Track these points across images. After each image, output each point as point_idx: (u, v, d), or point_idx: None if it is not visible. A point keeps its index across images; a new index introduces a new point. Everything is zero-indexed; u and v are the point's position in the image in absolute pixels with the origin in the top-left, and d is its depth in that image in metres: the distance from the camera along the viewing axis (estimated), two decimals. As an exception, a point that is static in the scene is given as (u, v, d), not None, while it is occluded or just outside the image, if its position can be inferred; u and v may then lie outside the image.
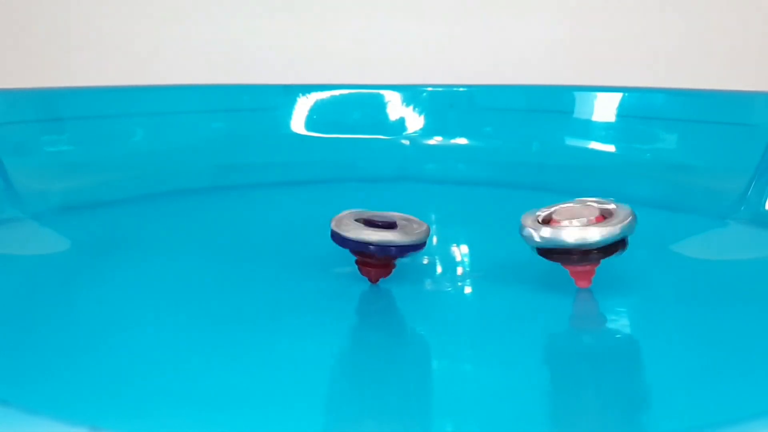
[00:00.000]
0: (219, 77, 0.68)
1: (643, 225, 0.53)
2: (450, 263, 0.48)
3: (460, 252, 0.51)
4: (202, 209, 0.58)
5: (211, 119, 0.65)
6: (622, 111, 0.61)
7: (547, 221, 0.40)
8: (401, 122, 0.65)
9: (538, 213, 0.40)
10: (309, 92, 0.65)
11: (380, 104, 0.65)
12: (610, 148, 0.61)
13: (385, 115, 0.65)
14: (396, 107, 0.65)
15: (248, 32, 0.72)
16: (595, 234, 0.38)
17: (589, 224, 0.39)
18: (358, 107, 0.65)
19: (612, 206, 0.40)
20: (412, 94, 0.65)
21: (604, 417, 0.32)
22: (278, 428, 0.30)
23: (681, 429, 0.30)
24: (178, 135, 0.63)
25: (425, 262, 0.48)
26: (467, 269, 0.47)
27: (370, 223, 0.41)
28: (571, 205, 0.40)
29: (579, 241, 0.38)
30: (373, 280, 0.42)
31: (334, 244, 0.41)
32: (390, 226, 0.41)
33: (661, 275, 0.45)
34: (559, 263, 0.40)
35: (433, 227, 0.54)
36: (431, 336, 0.39)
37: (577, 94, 0.62)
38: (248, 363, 0.35)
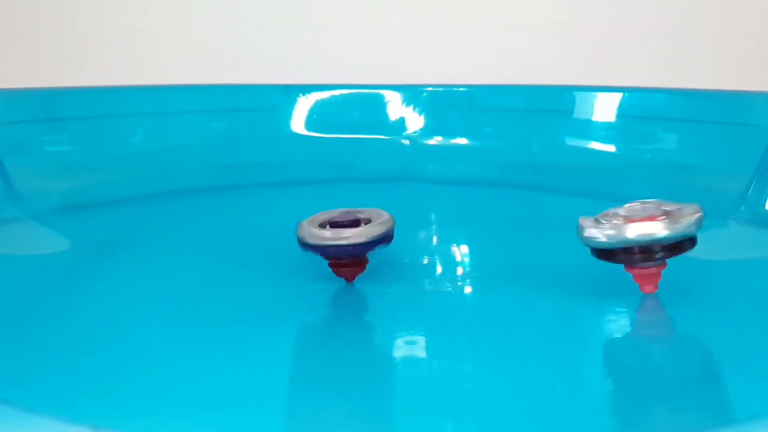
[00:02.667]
0: (219, 77, 0.68)
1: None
2: (450, 263, 0.48)
3: (460, 252, 0.51)
4: (202, 209, 0.58)
5: (211, 119, 0.65)
6: (622, 111, 0.61)
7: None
8: (401, 122, 0.65)
9: (596, 217, 0.39)
10: (309, 92, 0.65)
11: (380, 104, 0.65)
12: (610, 148, 0.61)
13: (385, 115, 0.65)
14: (396, 107, 0.65)
15: (248, 32, 0.72)
16: (660, 229, 0.37)
17: (653, 220, 0.37)
18: (358, 107, 0.65)
19: (674, 206, 0.38)
20: (412, 94, 0.65)
21: (605, 417, 0.32)
22: (276, 428, 0.30)
23: (681, 429, 0.30)
24: (178, 135, 0.63)
25: (425, 262, 0.48)
26: (467, 269, 0.47)
27: (333, 224, 0.41)
28: (629, 206, 0.39)
29: (643, 237, 0.37)
30: (350, 279, 0.42)
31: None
32: (353, 224, 0.41)
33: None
34: (622, 265, 0.38)
35: (433, 227, 0.54)
36: (431, 336, 0.39)
37: (577, 94, 0.62)
38: (248, 363, 0.35)
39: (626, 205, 0.39)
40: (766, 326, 0.38)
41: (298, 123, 0.65)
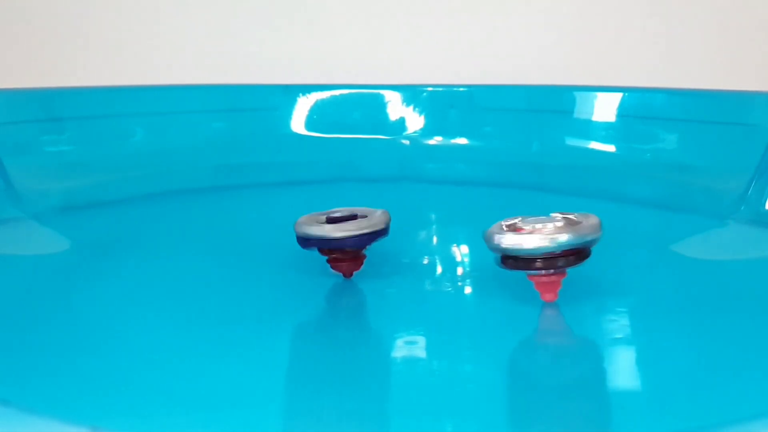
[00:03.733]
0: (219, 77, 0.68)
1: (643, 225, 0.53)
2: (449, 263, 0.48)
3: (460, 252, 0.51)
4: (202, 209, 0.58)
5: (211, 119, 0.65)
6: (622, 111, 0.61)
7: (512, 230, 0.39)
8: (401, 122, 0.65)
9: (502, 223, 0.40)
10: (309, 92, 0.65)
11: (380, 104, 0.65)
12: (610, 148, 0.61)
13: (385, 115, 0.65)
14: (396, 107, 0.65)
15: (248, 32, 0.72)
16: (559, 238, 0.38)
17: (554, 231, 0.38)
18: (358, 107, 0.65)
19: (576, 216, 0.39)
20: (412, 94, 0.65)
21: (605, 417, 0.32)
22: (276, 428, 0.30)
23: (681, 429, 0.30)
24: (178, 135, 0.63)
25: (425, 261, 0.48)
26: (467, 269, 0.47)
27: (330, 220, 0.42)
28: (535, 217, 0.40)
29: (542, 247, 0.38)
30: (347, 275, 0.43)
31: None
32: (350, 218, 0.42)
33: (661, 275, 0.45)
34: (523, 272, 0.39)
35: (433, 227, 0.54)
36: (431, 336, 0.39)
37: (577, 94, 0.62)
38: (248, 363, 0.35)
39: (535, 218, 0.40)
40: (766, 326, 0.38)
41: (298, 123, 0.65)
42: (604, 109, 0.62)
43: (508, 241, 0.38)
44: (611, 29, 0.71)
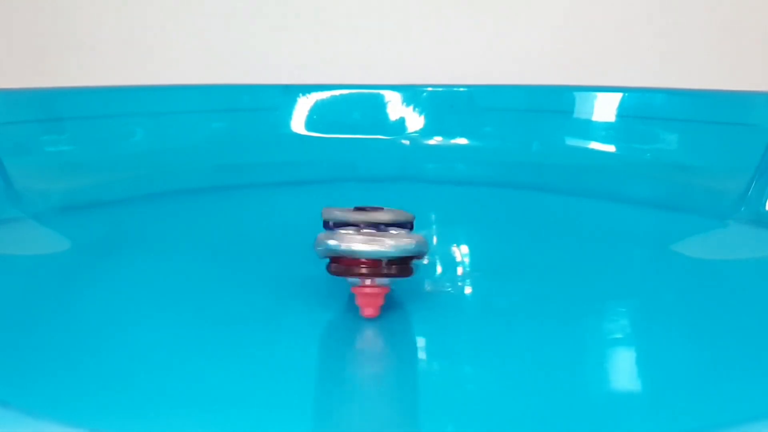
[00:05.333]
0: (219, 77, 0.68)
1: (643, 225, 0.53)
2: (450, 263, 0.48)
3: (460, 252, 0.51)
4: (202, 209, 0.58)
5: (211, 119, 0.65)
6: (622, 111, 0.61)
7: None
8: (401, 122, 0.65)
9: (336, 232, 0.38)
10: (309, 92, 0.65)
11: (380, 104, 0.65)
12: (610, 148, 0.61)
13: (385, 115, 0.65)
14: (396, 107, 0.65)
15: (248, 32, 0.72)
16: (388, 245, 0.37)
17: (382, 235, 0.37)
18: (358, 107, 0.65)
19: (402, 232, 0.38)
20: (412, 94, 0.65)
21: (605, 417, 0.32)
22: (277, 428, 0.30)
23: (681, 429, 0.30)
24: (178, 135, 0.63)
25: (425, 262, 0.48)
26: (466, 269, 0.47)
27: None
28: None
29: (370, 250, 0.37)
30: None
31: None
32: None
33: (661, 275, 0.45)
34: (345, 278, 0.38)
35: (433, 227, 0.54)
36: (431, 336, 0.39)
37: (577, 94, 0.62)
38: (248, 363, 0.35)
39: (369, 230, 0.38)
40: (766, 326, 0.38)
41: (298, 123, 0.65)
42: (604, 109, 0.61)
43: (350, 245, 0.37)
44: (611, 29, 0.70)
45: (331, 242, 0.38)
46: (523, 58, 0.71)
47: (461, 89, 0.65)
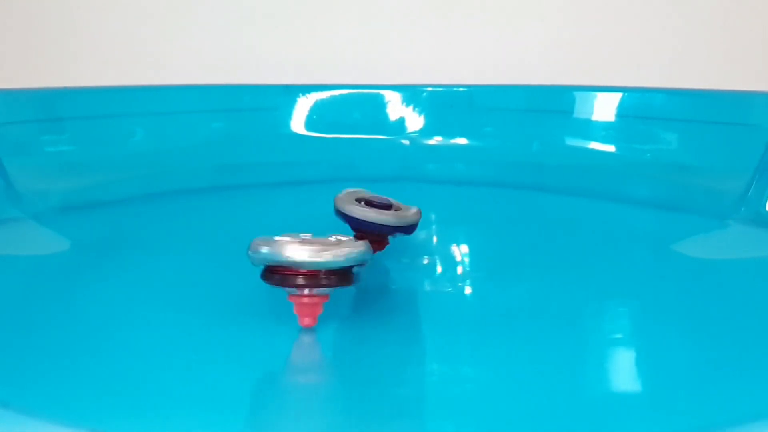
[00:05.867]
0: (219, 77, 0.68)
1: (643, 225, 0.53)
2: (450, 263, 0.48)
3: (460, 252, 0.51)
4: (202, 209, 0.58)
5: (211, 119, 0.65)
6: (622, 111, 0.61)
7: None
8: (401, 122, 0.65)
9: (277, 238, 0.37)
10: (309, 92, 0.65)
11: (380, 104, 0.65)
12: (610, 148, 0.61)
13: (385, 115, 0.65)
14: (396, 107, 0.65)
15: (248, 32, 0.72)
16: (327, 255, 0.36)
17: (321, 244, 0.36)
18: (358, 107, 0.65)
19: (346, 239, 0.38)
20: (412, 94, 0.65)
21: (605, 417, 0.32)
22: (278, 428, 0.30)
23: (681, 429, 0.30)
24: (178, 135, 0.63)
25: (425, 261, 0.48)
26: (466, 269, 0.47)
27: (369, 204, 0.43)
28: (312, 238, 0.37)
29: (307, 260, 0.36)
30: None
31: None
32: (386, 207, 0.43)
33: (661, 275, 0.45)
34: (282, 288, 0.37)
35: (433, 227, 0.54)
36: (431, 336, 0.39)
37: (577, 94, 0.62)
38: (247, 363, 0.35)
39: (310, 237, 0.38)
40: (766, 326, 0.38)
41: (298, 123, 0.65)
42: (604, 109, 0.61)
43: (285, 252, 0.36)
44: (611, 29, 0.70)
45: (266, 250, 0.37)
46: (523, 58, 0.71)
47: (461, 89, 0.65)
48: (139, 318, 0.39)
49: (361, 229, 0.43)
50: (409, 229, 0.43)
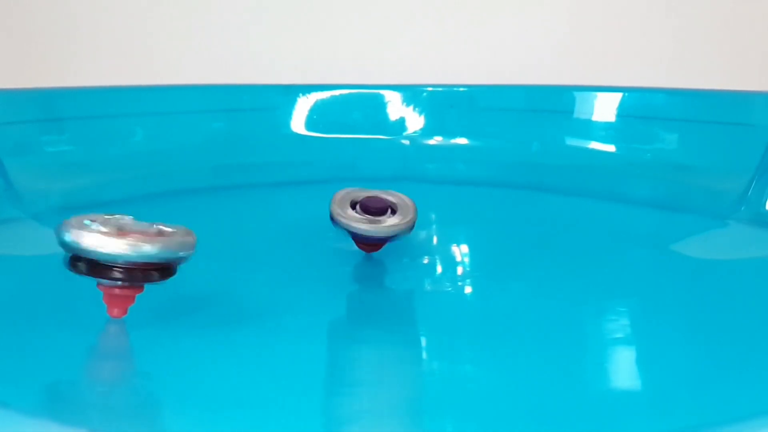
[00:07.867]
0: (219, 77, 0.68)
1: (643, 225, 0.53)
2: (450, 263, 0.48)
3: (460, 252, 0.51)
4: (202, 209, 0.58)
5: (211, 119, 0.65)
6: (622, 111, 0.61)
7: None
8: (401, 122, 0.65)
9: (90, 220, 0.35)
10: (309, 92, 0.65)
11: (380, 104, 0.65)
12: (610, 148, 0.61)
13: (385, 115, 0.65)
14: (396, 107, 0.65)
15: (248, 32, 0.72)
16: (148, 247, 0.34)
17: (144, 234, 0.34)
18: (358, 107, 0.65)
19: (171, 229, 0.35)
20: (412, 94, 0.65)
21: (605, 416, 0.32)
22: (278, 428, 0.30)
23: (681, 428, 0.30)
24: (178, 135, 0.63)
25: (425, 261, 0.48)
26: (467, 269, 0.47)
27: (364, 208, 0.44)
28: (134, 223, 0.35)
29: (98, 250, 0.34)
30: (368, 250, 0.46)
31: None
32: (383, 209, 0.44)
33: (661, 275, 0.45)
34: (91, 278, 0.35)
35: (433, 227, 0.54)
36: (431, 335, 0.39)
37: (577, 94, 0.62)
38: (247, 363, 0.35)
39: (132, 221, 0.36)
40: (766, 326, 0.38)
41: (298, 123, 0.65)
42: (604, 109, 0.61)
43: (88, 241, 0.34)
44: (611, 29, 0.70)
45: (70, 238, 0.34)
46: (523, 58, 0.71)
47: (461, 89, 0.65)
48: (138, 318, 0.39)
49: (356, 239, 0.44)
50: (403, 234, 0.43)
